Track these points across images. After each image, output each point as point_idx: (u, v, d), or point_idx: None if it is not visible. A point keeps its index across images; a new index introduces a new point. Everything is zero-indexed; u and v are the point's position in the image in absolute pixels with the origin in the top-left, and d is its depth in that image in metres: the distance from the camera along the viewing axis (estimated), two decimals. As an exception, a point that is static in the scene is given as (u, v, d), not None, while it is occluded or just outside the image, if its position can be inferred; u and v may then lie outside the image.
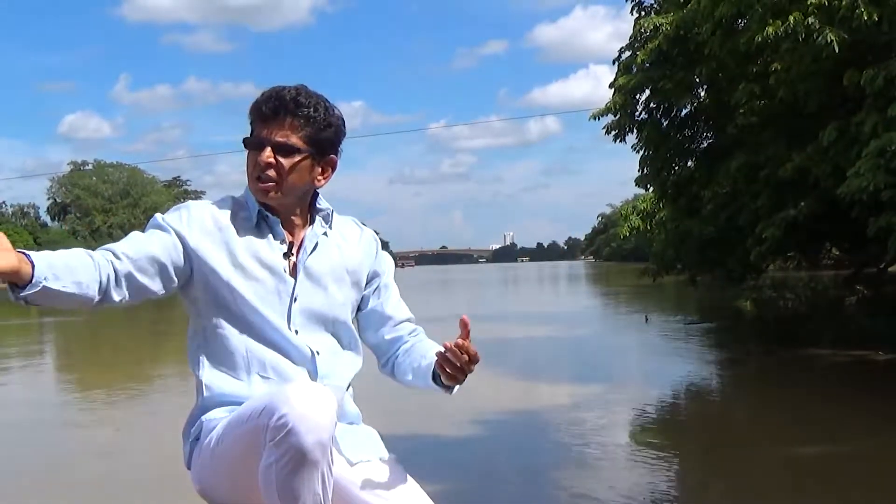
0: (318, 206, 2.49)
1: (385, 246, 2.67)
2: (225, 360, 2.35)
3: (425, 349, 2.49)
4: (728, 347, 14.76)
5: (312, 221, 2.47)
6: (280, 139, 2.35)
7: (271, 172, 2.36)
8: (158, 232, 2.33)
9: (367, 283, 2.55)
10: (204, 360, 2.38)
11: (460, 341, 2.22)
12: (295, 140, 2.36)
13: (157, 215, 2.39)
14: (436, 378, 2.38)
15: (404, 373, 2.52)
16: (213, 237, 2.35)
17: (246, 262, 2.34)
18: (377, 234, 2.65)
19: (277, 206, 2.40)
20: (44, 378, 14.10)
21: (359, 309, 2.57)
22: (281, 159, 2.35)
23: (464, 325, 2.22)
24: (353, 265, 2.49)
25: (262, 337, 2.35)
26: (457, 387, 2.37)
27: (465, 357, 2.22)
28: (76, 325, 24.90)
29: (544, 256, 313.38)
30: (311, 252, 2.43)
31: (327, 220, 2.50)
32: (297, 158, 2.36)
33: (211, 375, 2.36)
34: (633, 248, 77.69)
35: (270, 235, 2.40)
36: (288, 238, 2.42)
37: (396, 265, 2.69)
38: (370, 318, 2.58)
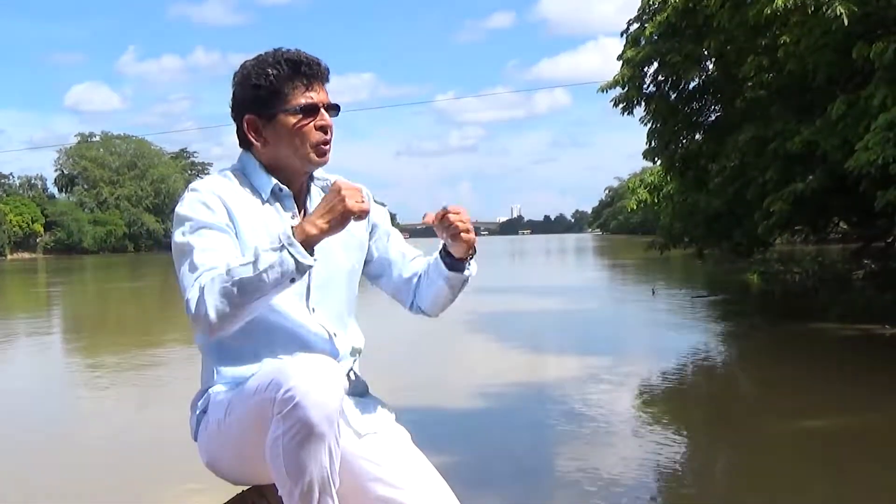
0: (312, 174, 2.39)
1: (392, 219, 2.64)
2: (237, 349, 2.26)
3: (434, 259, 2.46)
4: (734, 321, 14.74)
5: (309, 190, 2.38)
6: (329, 100, 2.31)
7: (329, 135, 2.30)
8: (215, 233, 2.17)
9: (369, 237, 2.49)
10: (214, 348, 2.29)
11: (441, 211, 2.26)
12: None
13: (189, 214, 2.19)
14: (447, 263, 2.38)
15: (428, 291, 2.47)
16: (240, 218, 2.23)
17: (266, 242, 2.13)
18: (384, 205, 2.59)
19: (292, 177, 2.31)
20: (51, 345, 14.15)
21: (366, 263, 2.49)
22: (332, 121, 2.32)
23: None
24: (354, 228, 2.34)
25: (279, 324, 2.25)
26: (473, 264, 2.38)
27: (455, 214, 2.25)
28: (83, 293, 24.95)
29: (551, 229, 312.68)
30: None
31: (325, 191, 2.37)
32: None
33: (220, 360, 2.29)
34: (641, 222, 77.54)
35: (282, 211, 2.30)
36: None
37: None
38: (382, 265, 2.52)
